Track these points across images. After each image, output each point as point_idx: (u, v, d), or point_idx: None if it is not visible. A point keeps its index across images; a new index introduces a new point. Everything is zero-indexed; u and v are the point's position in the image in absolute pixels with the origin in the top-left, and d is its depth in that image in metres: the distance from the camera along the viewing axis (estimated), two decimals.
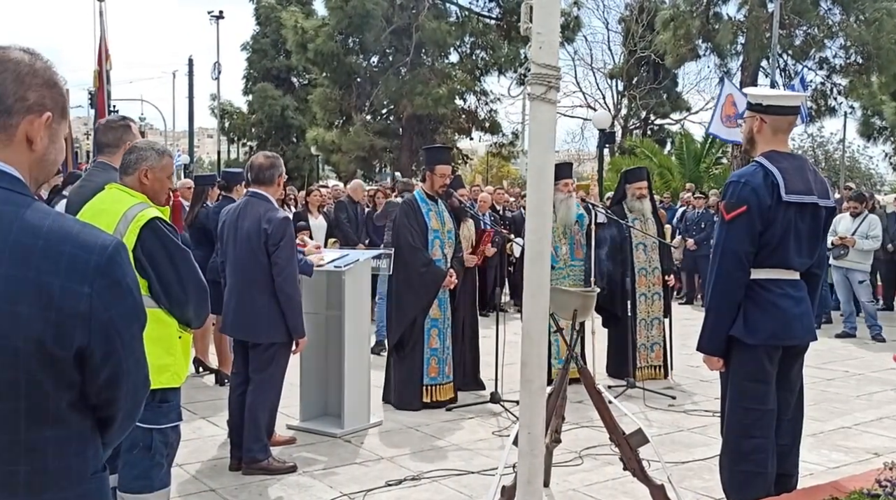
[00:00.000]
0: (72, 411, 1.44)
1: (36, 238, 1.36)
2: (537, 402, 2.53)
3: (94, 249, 1.39)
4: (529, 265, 2.49)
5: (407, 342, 6.07)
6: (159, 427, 3.25)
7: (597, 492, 4.37)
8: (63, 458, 1.43)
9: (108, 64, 9.48)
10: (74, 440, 1.45)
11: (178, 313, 3.21)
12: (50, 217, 1.40)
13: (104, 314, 1.40)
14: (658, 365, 7.21)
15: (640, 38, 29.27)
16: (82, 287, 1.37)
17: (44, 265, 1.35)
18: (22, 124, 1.44)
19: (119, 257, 1.43)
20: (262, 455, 4.58)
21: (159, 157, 3.32)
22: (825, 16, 21.93)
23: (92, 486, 1.49)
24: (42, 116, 1.46)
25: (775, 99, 3.39)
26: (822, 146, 39.93)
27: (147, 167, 3.28)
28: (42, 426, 1.40)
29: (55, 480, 1.42)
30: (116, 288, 1.42)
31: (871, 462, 4.80)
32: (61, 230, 1.39)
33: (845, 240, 9.71)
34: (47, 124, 1.47)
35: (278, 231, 4.43)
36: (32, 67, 1.45)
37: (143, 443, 3.23)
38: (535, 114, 2.48)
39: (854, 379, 7.45)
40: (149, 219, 3.11)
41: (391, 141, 25.19)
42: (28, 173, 1.47)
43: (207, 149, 65.43)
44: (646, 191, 7.25)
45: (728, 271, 3.31)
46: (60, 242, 1.37)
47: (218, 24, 32.13)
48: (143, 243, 3.08)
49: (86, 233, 1.41)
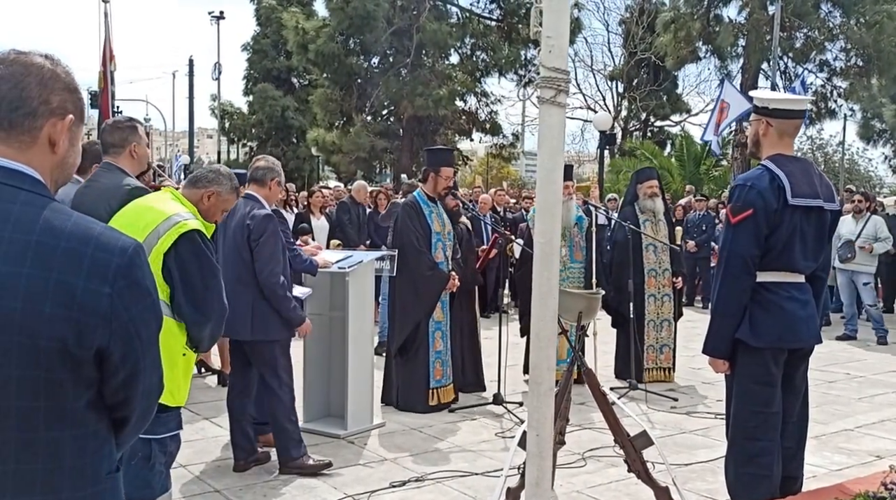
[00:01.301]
0: (89, 410, 1.46)
1: (58, 239, 1.39)
2: (546, 404, 2.53)
3: (114, 250, 1.43)
4: (538, 267, 2.50)
5: (411, 345, 6.04)
6: (158, 437, 3.19)
7: (600, 494, 4.38)
8: (80, 457, 1.45)
9: (113, 65, 9.48)
10: (91, 439, 1.47)
11: (193, 331, 3.13)
12: (72, 219, 1.43)
13: (124, 315, 1.43)
14: (667, 367, 7.21)
15: (640, 39, 29.28)
16: (103, 288, 1.40)
17: (66, 266, 1.38)
18: (46, 127, 1.47)
19: (139, 259, 1.46)
20: (297, 454, 4.61)
21: (231, 190, 3.41)
22: (826, 18, 21.96)
23: (107, 486, 1.51)
24: (65, 118, 1.49)
25: (781, 102, 3.40)
26: (822, 149, 39.95)
27: (215, 192, 3.35)
28: (61, 426, 1.42)
29: (72, 479, 1.44)
30: (136, 289, 1.45)
31: (873, 465, 4.82)
32: (83, 232, 1.42)
33: (864, 248, 9.66)
34: (69, 127, 1.50)
35: (260, 227, 4.47)
36: (55, 72, 1.49)
37: (141, 453, 3.18)
38: (545, 117, 2.48)
39: (856, 382, 7.46)
40: (190, 229, 3.07)
41: (391, 142, 25.19)
42: (49, 176, 1.50)
43: (207, 149, 65.38)
44: (657, 189, 7.24)
45: (734, 273, 3.31)
46: (82, 244, 1.40)
47: (218, 24, 32.14)
48: (177, 250, 3.04)
49: (107, 235, 1.44)
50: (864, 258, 9.77)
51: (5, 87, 1.44)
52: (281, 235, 4.64)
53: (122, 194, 3.58)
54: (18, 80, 1.45)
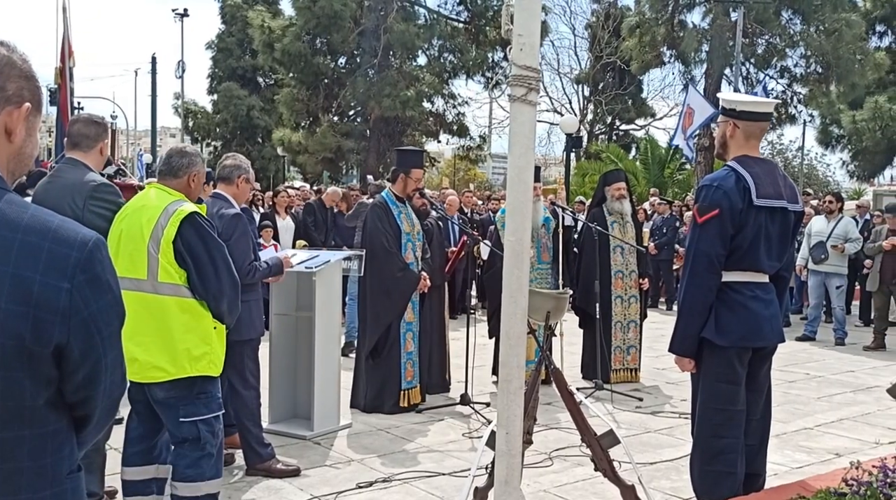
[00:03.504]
0: (49, 409, 1.41)
1: (14, 232, 1.33)
2: (515, 402, 2.54)
3: (73, 244, 1.37)
4: (509, 266, 2.50)
5: (382, 347, 5.99)
6: (202, 418, 3.35)
7: (567, 493, 4.40)
8: (39, 458, 1.40)
9: (72, 61, 9.26)
10: (50, 439, 1.42)
11: (212, 306, 3.34)
12: (28, 211, 1.37)
13: (84, 311, 1.38)
14: (634, 368, 7.27)
15: (606, 44, 29.62)
16: (62, 283, 1.35)
17: (22, 260, 1.32)
18: (1, 116, 1.41)
19: (99, 253, 1.41)
20: (263, 455, 4.58)
21: (202, 164, 3.67)
22: (786, 25, 22.35)
23: (67, 486, 1.46)
24: (21, 107, 1.43)
25: (748, 104, 3.45)
26: (782, 153, 40.72)
27: (196, 172, 3.56)
28: (19, 425, 1.37)
29: (30, 480, 1.39)
30: (97, 283, 1.40)
31: (833, 462, 4.91)
32: (40, 225, 1.36)
33: (837, 248, 9.79)
34: (26, 116, 1.44)
35: (229, 227, 4.38)
36: (10, 59, 1.42)
37: (190, 436, 3.34)
38: (516, 115, 2.49)
39: (815, 381, 7.60)
40: (188, 213, 3.27)
41: (358, 142, 25.09)
42: (5, 167, 1.44)
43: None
44: (625, 191, 7.32)
45: (700, 273, 3.35)
46: (39, 237, 1.34)
47: (182, 21, 31.79)
48: (182, 236, 3.24)
49: (65, 228, 1.38)
50: (837, 260, 9.90)
51: None
52: (251, 234, 4.57)
53: (86, 190, 3.52)
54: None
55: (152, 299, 3.26)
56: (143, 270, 3.26)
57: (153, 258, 3.25)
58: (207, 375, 3.35)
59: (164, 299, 3.26)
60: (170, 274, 3.25)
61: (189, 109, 33.76)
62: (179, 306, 3.28)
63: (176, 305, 3.27)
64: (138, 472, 3.52)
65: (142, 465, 3.53)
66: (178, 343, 3.27)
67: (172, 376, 3.28)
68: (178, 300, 3.28)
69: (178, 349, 3.26)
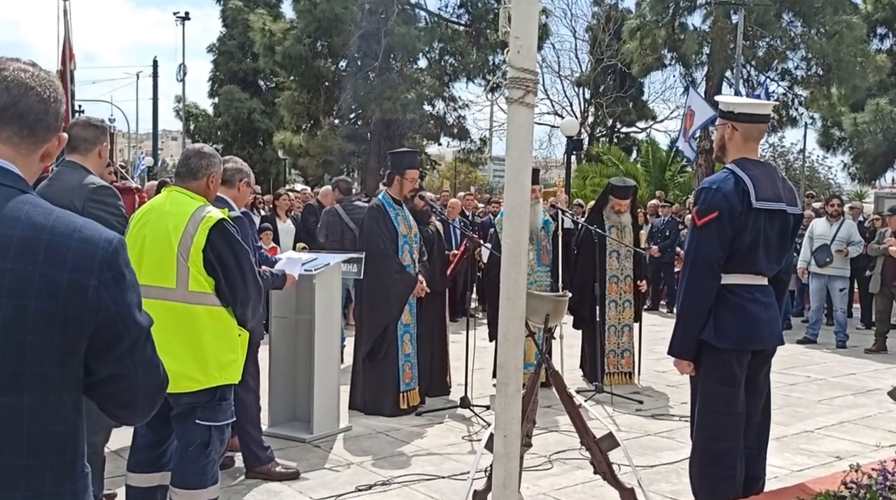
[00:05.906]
0: (73, 408, 1.46)
1: (41, 233, 1.40)
2: (513, 405, 2.53)
3: (98, 242, 1.44)
4: (506, 268, 2.50)
5: (380, 349, 5.99)
6: (218, 424, 3.33)
7: (567, 496, 4.39)
8: (62, 454, 1.45)
9: (73, 64, 9.27)
10: (72, 436, 1.47)
11: (238, 313, 3.34)
12: (54, 213, 1.44)
13: (112, 307, 1.43)
14: (628, 372, 7.27)
15: (606, 46, 29.61)
16: (89, 280, 1.41)
17: (50, 259, 1.38)
18: (51, 141, 1.53)
19: (123, 252, 1.48)
20: (263, 458, 4.57)
21: (221, 164, 3.62)
22: (787, 28, 22.37)
23: (81, 484, 1.51)
24: (61, 135, 1.55)
25: (746, 107, 3.45)
26: (783, 156, 40.68)
27: (214, 173, 3.51)
28: (48, 421, 1.42)
29: (53, 475, 1.44)
30: (122, 280, 1.46)
31: (833, 465, 4.90)
32: (65, 225, 1.43)
33: (841, 252, 9.77)
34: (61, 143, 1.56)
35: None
36: (58, 88, 1.53)
37: (200, 439, 3.31)
38: (513, 117, 2.49)
39: (815, 384, 7.59)
40: (217, 220, 3.25)
41: (359, 145, 25.08)
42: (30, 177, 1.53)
43: (172, 151, 64.57)
44: (626, 208, 7.31)
45: (699, 275, 3.35)
46: (65, 237, 1.41)
47: (184, 25, 31.80)
48: (212, 244, 3.21)
49: (90, 228, 1.45)
50: (840, 263, 9.88)
51: (34, 98, 1.47)
52: (253, 238, 4.56)
53: (85, 193, 3.52)
54: (42, 92, 1.48)
55: (181, 308, 3.21)
56: (171, 278, 3.21)
57: (183, 267, 3.20)
58: (231, 382, 3.34)
59: (195, 308, 3.22)
60: (200, 283, 3.21)
61: (190, 113, 33.80)
62: (209, 314, 3.24)
63: (206, 313, 3.23)
64: (144, 479, 3.46)
65: (148, 472, 3.48)
66: (208, 352, 3.23)
67: (202, 386, 3.24)
68: (208, 308, 3.24)
69: (208, 358, 3.23)
